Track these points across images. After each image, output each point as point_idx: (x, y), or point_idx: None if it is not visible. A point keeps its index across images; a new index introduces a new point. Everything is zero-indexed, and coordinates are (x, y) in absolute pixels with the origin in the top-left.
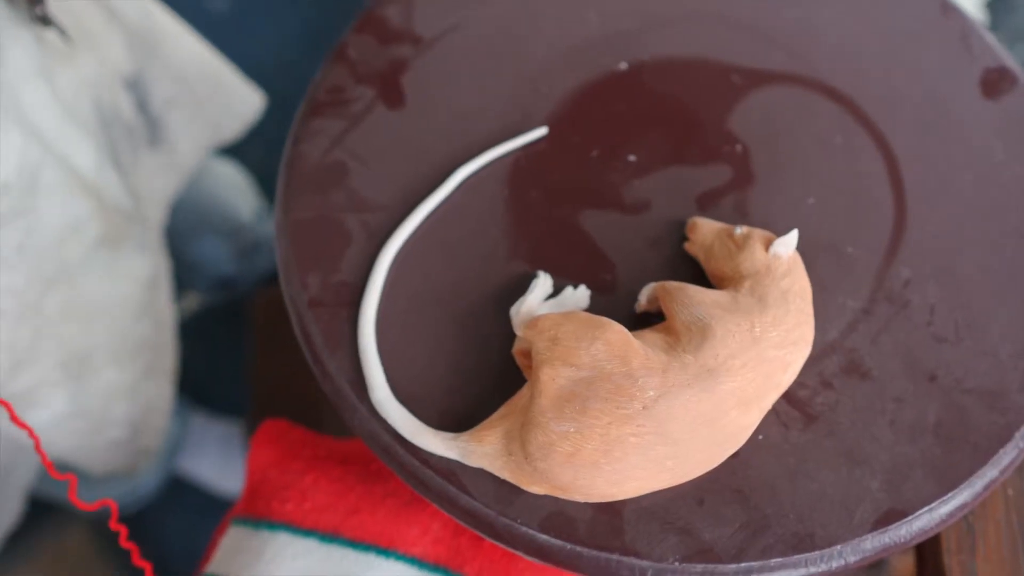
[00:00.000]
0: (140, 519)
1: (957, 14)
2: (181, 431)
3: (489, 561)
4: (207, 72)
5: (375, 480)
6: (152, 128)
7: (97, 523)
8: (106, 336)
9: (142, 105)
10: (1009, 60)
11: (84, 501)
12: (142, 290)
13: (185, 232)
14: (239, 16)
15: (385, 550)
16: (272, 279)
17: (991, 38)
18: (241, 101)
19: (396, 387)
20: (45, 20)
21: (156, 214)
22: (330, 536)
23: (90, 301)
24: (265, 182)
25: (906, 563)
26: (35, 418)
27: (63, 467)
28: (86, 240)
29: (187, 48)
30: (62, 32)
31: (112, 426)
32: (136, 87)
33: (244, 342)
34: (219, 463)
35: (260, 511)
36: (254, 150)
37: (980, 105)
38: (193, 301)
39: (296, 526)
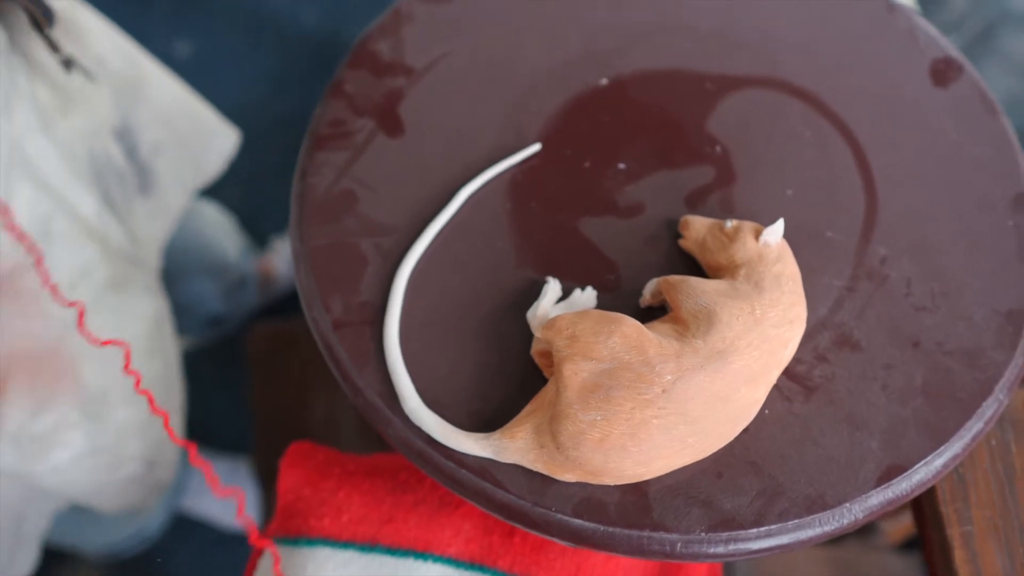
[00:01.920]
0: (148, 558)
1: (902, 12)
2: (184, 471)
3: (520, 555)
4: (188, 112)
5: (404, 490)
6: (142, 174)
7: (108, 568)
8: (118, 376)
9: (131, 153)
10: (953, 51)
11: (93, 544)
12: (150, 329)
13: (174, 274)
14: (203, 61)
15: (422, 553)
16: (261, 314)
17: (935, 31)
18: (219, 137)
19: (425, 396)
20: (68, 64)
21: (152, 258)
22: (368, 546)
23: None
24: (245, 220)
25: (897, 527)
26: (57, 459)
27: (80, 510)
28: (95, 283)
29: (168, 91)
30: (87, 73)
31: (128, 462)
32: (125, 135)
33: (240, 378)
34: (223, 500)
35: (297, 529)
36: (230, 190)
37: (931, 93)
38: (183, 343)
39: (334, 540)
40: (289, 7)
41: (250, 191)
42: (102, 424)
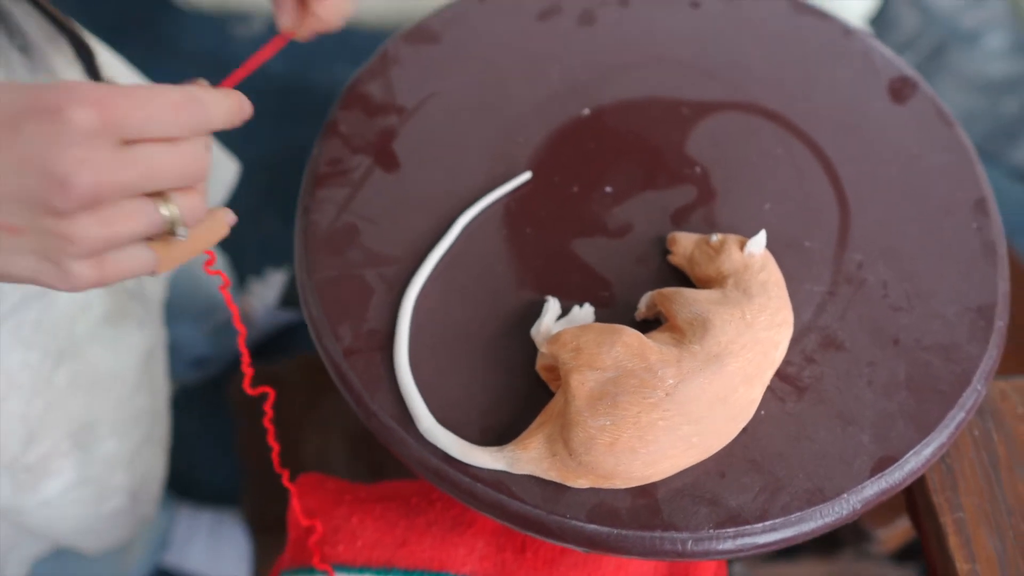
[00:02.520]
0: None
1: (858, 35)
2: (168, 525)
3: (532, 569)
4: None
5: (416, 513)
6: None
7: None
8: (108, 407)
9: None
10: (908, 69)
11: None
12: (140, 363)
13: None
14: None
15: (438, 573)
16: (250, 355)
17: (890, 52)
18: (221, 168)
19: (437, 416)
20: None
21: (157, 290)
22: (384, 569)
23: (95, 373)
24: (234, 259)
25: (892, 535)
26: (48, 489)
27: (60, 561)
28: (93, 317)
29: None
30: None
31: (113, 495)
32: None
33: (224, 426)
34: (210, 552)
35: (311, 558)
36: None
37: (891, 109)
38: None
39: (350, 565)
40: (254, 51)
41: (235, 230)
42: (90, 454)
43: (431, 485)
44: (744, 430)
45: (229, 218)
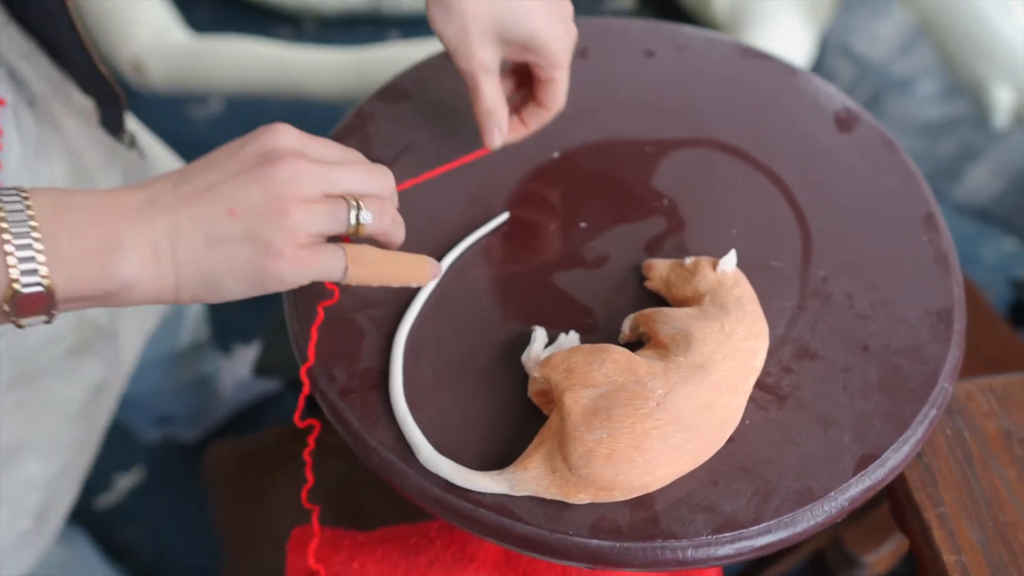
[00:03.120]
0: None
1: (803, 74)
2: None
3: None
4: None
5: (416, 552)
6: None
7: None
8: (42, 432)
9: None
10: (851, 103)
11: None
12: (86, 395)
13: None
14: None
15: None
16: (214, 434)
17: (833, 88)
18: None
19: (435, 445)
20: (132, 143)
21: (132, 340)
22: None
23: (41, 400)
24: (213, 319)
25: (879, 559)
26: None
27: None
28: (59, 349)
29: (171, 166)
30: (140, 151)
31: (25, 516)
32: None
33: (199, 506)
34: None
35: None
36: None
37: (839, 138)
38: (137, 475)
39: None
40: (212, 133)
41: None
42: (10, 474)
43: (428, 525)
44: (732, 439)
45: (434, 268)
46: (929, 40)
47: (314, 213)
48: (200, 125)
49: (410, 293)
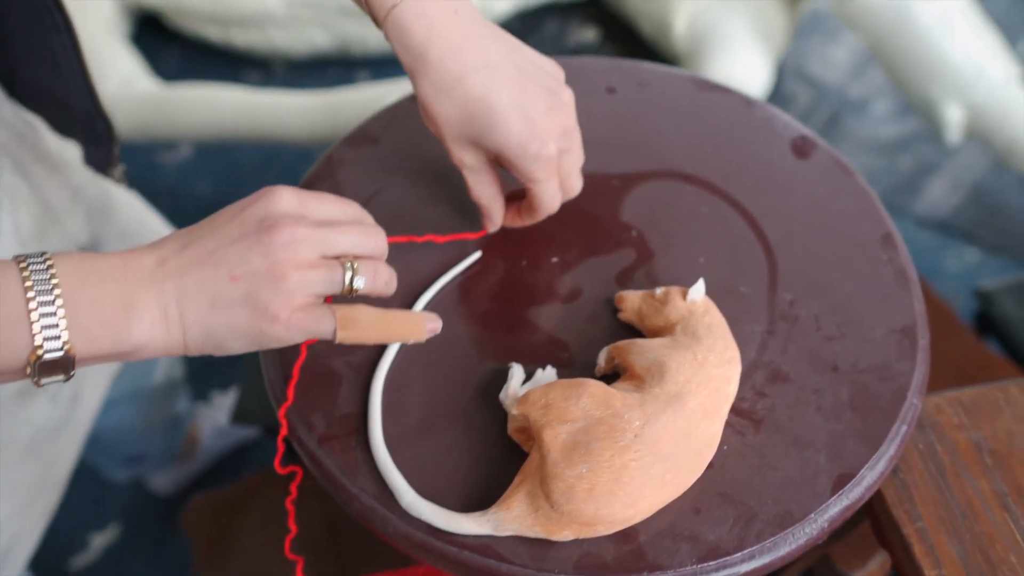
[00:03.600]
0: None
1: (759, 104)
2: None
3: None
4: (149, 227)
5: None
6: None
7: None
8: (5, 473)
9: None
10: (806, 130)
11: None
12: (34, 436)
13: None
14: None
15: None
16: (201, 480)
17: (788, 117)
18: None
19: (417, 489)
20: (123, 177)
21: (97, 378)
22: None
23: None
24: (190, 363)
25: (870, 573)
26: None
27: None
28: (10, 389)
29: (133, 210)
30: (128, 186)
31: None
32: (89, 250)
33: (179, 562)
34: None
35: None
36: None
37: (796, 164)
38: (112, 533)
39: None
40: (183, 178)
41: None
42: None
43: (414, 570)
44: (711, 466)
45: (431, 324)
46: (879, 63)
47: (311, 277)
48: (170, 170)
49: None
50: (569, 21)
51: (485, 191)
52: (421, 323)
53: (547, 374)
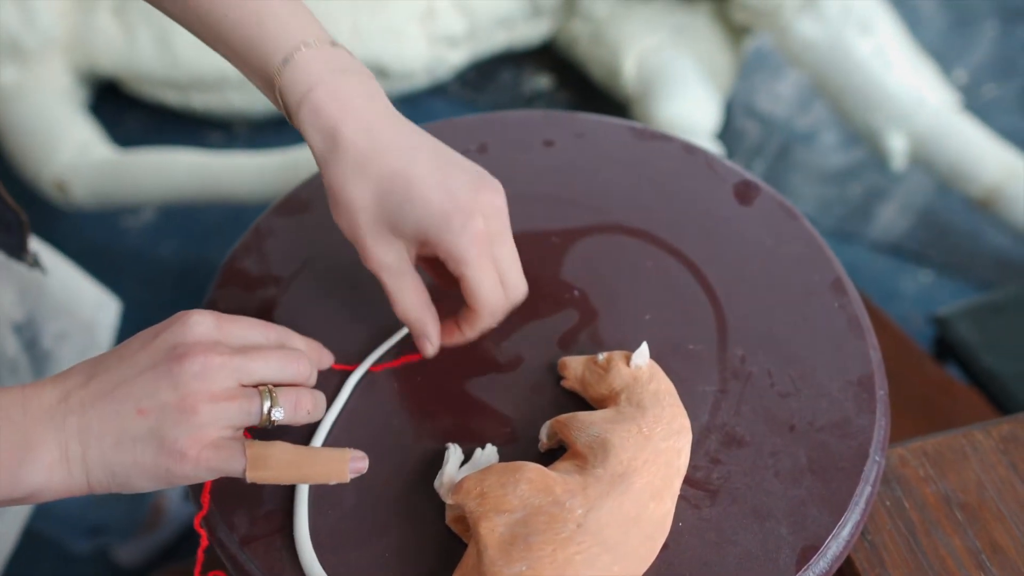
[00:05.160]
0: None
1: (698, 150)
2: None
3: None
4: (86, 301)
5: None
6: (39, 362)
7: None
8: None
9: (30, 344)
10: (748, 175)
11: None
12: None
13: None
14: None
15: None
16: (169, 550)
17: (729, 162)
18: (103, 310)
19: None
20: (35, 262)
21: None
22: None
23: None
24: None
25: None
26: None
27: None
28: None
29: (67, 280)
30: (43, 270)
31: None
32: (25, 329)
33: None
34: None
35: None
36: None
37: (740, 210)
38: None
39: None
40: (147, 242)
41: None
42: None
43: None
44: (666, 545)
45: (356, 464)
46: (822, 97)
47: (224, 410)
48: (133, 235)
49: (308, 431)
50: (523, 69)
51: (410, 299)
52: (343, 463)
53: (487, 454)
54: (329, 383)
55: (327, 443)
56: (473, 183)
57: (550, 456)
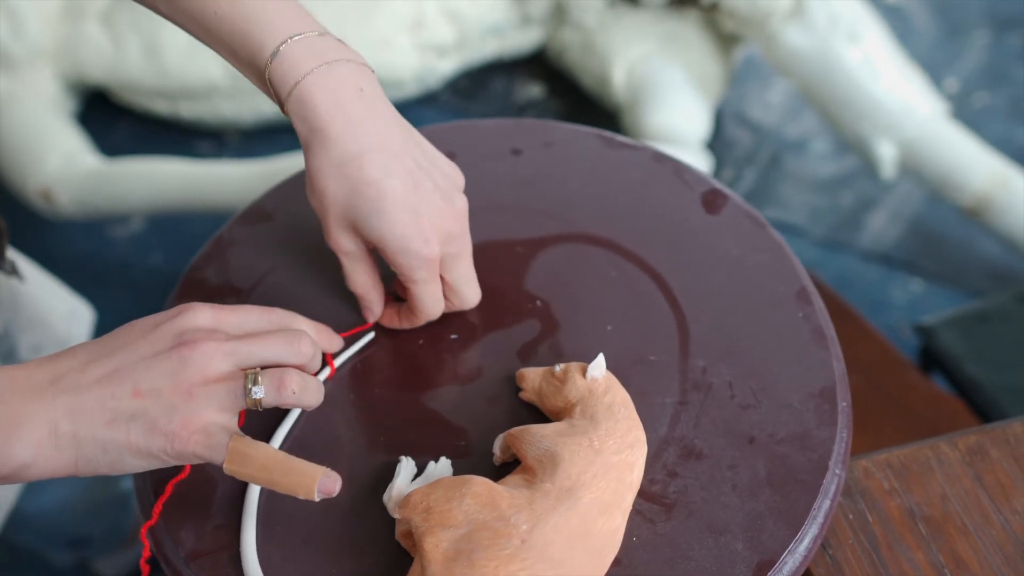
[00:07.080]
0: None
1: (666, 159)
2: None
3: None
4: (61, 312)
5: None
6: None
7: None
8: None
9: (8, 356)
10: (717, 184)
11: None
12: None
13: None
14: None
15: None
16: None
17: (698, 171)
18: (76, 318)
19: None
20: (13, 270)
21: None
22: None
23: None
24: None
25: None
26: None
27: None
28: None
29: (43, 295)
30: (20, 277)
31: None
32: (3, 341)
33: None
34: None
35: None
36: None
37: (707, 219)
38: None
39: None
40: (135, 252)
41: None
42: None
43: None
44: (618, 561)
45: (326, 487)
46: (811, 106)
47: (215, 391)
48: (121, 244)
49: (269, 428)
50: (515, 78)
51: (361, 279)
52: (313, 481)
53: (440, 467)
54: None
55: (283, 450)
56: (441, 210)
57: (505, 470)
